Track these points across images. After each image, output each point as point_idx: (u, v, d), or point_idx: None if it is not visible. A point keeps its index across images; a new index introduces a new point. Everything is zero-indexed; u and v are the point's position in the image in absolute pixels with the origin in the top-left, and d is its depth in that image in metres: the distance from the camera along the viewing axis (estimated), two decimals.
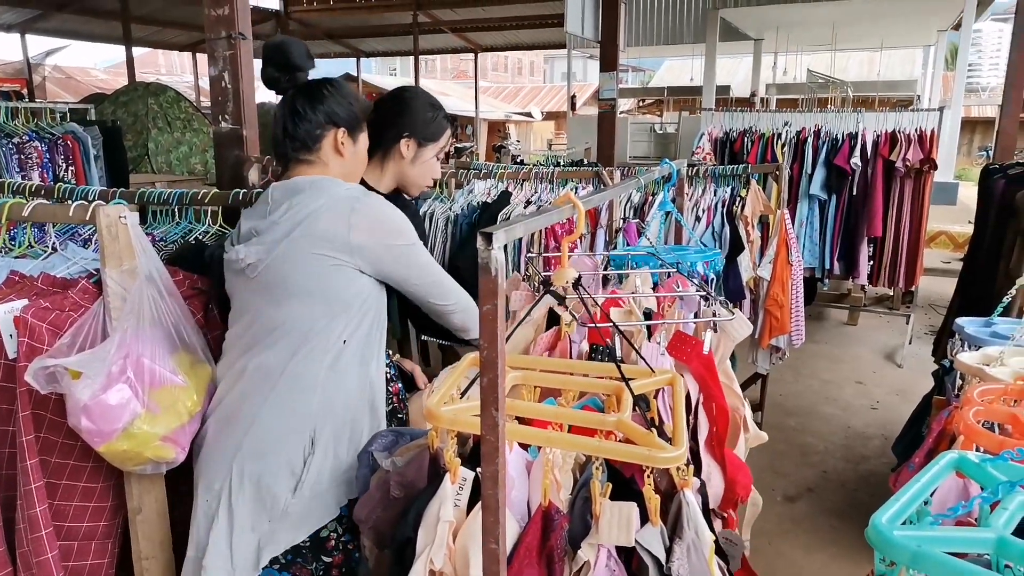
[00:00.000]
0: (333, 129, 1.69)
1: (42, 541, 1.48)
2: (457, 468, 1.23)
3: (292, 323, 1.57)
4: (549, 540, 1.17)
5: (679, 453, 1.10)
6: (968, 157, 21.77)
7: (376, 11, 16.19)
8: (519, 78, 36.12)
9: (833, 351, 5.67)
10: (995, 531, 0.86)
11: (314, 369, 1.56)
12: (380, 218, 1.62)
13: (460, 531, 1.20)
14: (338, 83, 1.74)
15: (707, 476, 1.64)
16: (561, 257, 1.26)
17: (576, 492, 1.26)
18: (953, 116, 8.83)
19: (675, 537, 1.18)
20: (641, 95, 21.85)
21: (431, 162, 2.05)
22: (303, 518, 1.55)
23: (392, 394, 1.81)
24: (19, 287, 1.62)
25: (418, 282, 1.69)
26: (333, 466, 1.57)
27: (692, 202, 3.82)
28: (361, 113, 1.77)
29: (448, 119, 2.09)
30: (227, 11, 2.73)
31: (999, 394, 1.50)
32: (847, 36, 12.42)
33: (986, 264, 3.55)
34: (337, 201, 1.60)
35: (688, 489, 1.21)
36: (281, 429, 1.55)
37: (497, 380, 1.02)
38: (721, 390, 1.66)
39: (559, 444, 1.20)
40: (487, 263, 0.98)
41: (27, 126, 4.90)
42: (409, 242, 1.66)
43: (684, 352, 1.65)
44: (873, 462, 3.82)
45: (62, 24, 15.11)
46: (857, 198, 5.28)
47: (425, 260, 1.71)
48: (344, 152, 1.72)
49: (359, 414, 1.62)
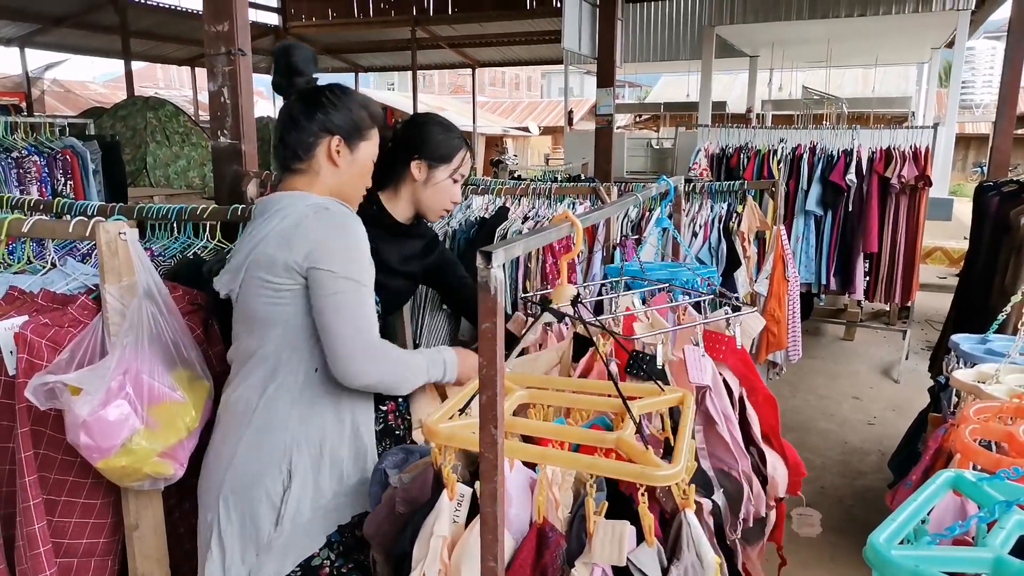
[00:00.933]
0: (328, 137, 1.64)
1: (40, 559, 1.47)
2: (454, 484, 1.23)
3: (262, 354, 1.57)
4: (543, 558, 1.17)
5: (675, 471, 1.10)
6: (963, 173, 21.89)
7: (374, 27, 16.28)
8: (516, 93, 36.31)
9: (830, 367, 5.68)
10: (992, 551, 0.86)
11: (286, 402, 1.55)
12: (320, 237, 1.52)
13: (456, 546, 1.20)
14: (339, 89, 1.68)
15: (772, 467, 1.66)
16: (561, 276, 1.27)
17: (575, 511, 1.26)
18: (947, 133, 8.89)
19: (674, 558, 1.17)
20: (638, 111, 21.95)
21: (446, 184, 2.02)
22: (286, 549, 1.54)
23: (386, 412, 1.77)
24: (18, 303, 1.62)
25: (327, 322, 1.51)
26: (314, 496, 1.55)
27: (689, 218, 3.83)
28: (365, 120, 1.69)
29: (462, 141, 2.05)
30: (227, 27, 2.75)
31: (995, 412, 1.50)
32: (841, 53, 12.52)
33: (981, 280, 3.56)
34: (289, 220, 1.54)
35: (689, 510, 1.21)
36: (258, 464, 1.54)
37: (496, 398, 1.02)
38: (761, 381, 1.68)
39: (553, 461, 1.21)
40: (487, 281, 0.98)
41: (26, 140, 4.91)
42: (342, 273, 1.50)
43: (719, 351, 1.67)
44: (870, 478, 3.82)
45: (61, 38, 15.17)
46: (853, 214, 5.31)
47: (349, 304, 1.51)
48: (339, 161, 1.66)
49: (338, 443, 1.59)
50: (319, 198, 1.61)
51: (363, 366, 1.52)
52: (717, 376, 1.63)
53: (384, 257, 1.85)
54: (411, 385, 1.65)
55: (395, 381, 1.61)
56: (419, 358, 1.67)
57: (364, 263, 1.56)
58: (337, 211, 1.58)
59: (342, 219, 1.57)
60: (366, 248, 1.58)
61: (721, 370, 1.67)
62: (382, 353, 1.57)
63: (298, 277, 1.51)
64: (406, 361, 1.63)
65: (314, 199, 1.59)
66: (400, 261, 2.03)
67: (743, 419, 1.68)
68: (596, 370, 1.64)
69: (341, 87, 1.70)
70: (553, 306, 1.37)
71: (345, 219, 1.57)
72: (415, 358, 1.66)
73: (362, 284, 1.54)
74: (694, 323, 1.75)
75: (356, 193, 1.75)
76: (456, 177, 2.04)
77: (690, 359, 1.56)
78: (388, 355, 1.58)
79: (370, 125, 1.71)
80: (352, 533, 1.61)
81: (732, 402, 1.65)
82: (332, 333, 1.51)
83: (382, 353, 1.57)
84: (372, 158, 1.74)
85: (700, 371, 1.58)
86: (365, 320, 1.54)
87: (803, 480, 1.80)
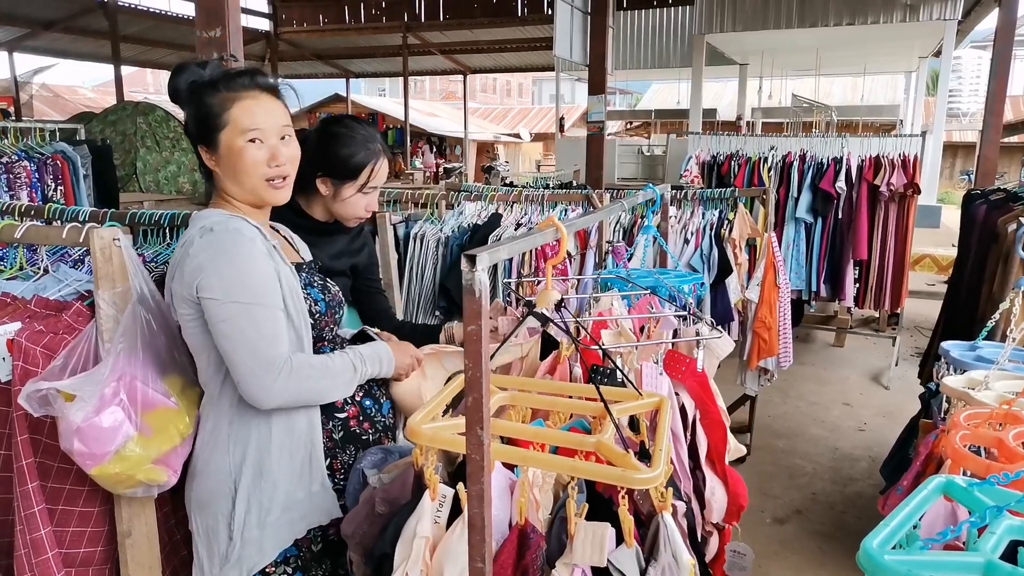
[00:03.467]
0: (199, 145, 1.56)
1: (49, 564, 1.48)
2: (436, 485, 1.24)
3: (203, 379, 1.59)
4: (524, 559, 1.18)
5: (655, 475, 1.10)
6: (950, 181, 22.09)
7: (366, 32, 16.32)
8: (508, 99, 36.42)
9: (820, 373, 5.71)
10: (983, 555, 0.87)
11: (223, 424, 1.56)
12: (202, 263, 1.46)
13: (438, 548, 1.20)
14: (189, 90, 1.55)
15: (711, 491, 1.65)
16: (546, 279, 1.28)
17: (555, 512, 1.27)
18: (935, 141, 8.99)
19: (651, 559, 1.19)
20: (629, 118, 22.06)
21: (355, 198, 1.97)
22: (240, 563, 1.56)
23: (346, 418, 1.67)
24: (11, 309, 1.62)
25: (223, 351, 1.47)
26: (259, 513, 1.55)
27: (681, 225, 3.86)
28: (210, 116, 1.52)
29: (371, 152, 1.95)
30: (219, 33, 2.75)
31: (985, 418, 1.52)
32: (830, 61, 12.64)
33: (969, 288, 3.59)
34: (181, 248, 1.51)
35: (667, 512, 1.23)
36: (211, 482, 1.57)
37: (482, 400, 1.03)
38: (716, 406, 1.68)
39: (535, 463, 1.22)
40: (471, 284, 0.99)
41: (16, 145, 4.88)
42: (225, 299, 1.45)
43: (678, 371, 1.67)
44: (861, 484, 3.84)
45: (50, 43, 15.13)
46: (843, 221, 5.36)
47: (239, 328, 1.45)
48: (213, 166, 1.56)
49: (276, 460, 1.55)
50: (211, 215, 1.54)
51: (270, 386, 1.46)
52: (672, 396, 1.64)
53: (316, 257, 1.85)
54: (340, 391, 1.59)
55: (316, 392, 1.55)
56: (341, 359, 1.59)
57: (253, 280, 1.47)
58: (221, 230, 1.49)
59: (224, 238, 1.48)
60: (256, 264, 1.49)
61: (678, 390, 1.67)
62: (288, 369, 1.48)
63: (196, 306, 1.48)
64: (324, 367, 1.55)
65: (206, 218, 1.53)
66: (330, 258, 2.03)
67: (693, 442, 1.68)
68: (559, 372, 1.65)
69: (190, 85, 1.55)
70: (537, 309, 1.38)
71: (227, 237, 1.48)
72: (336, 361, 1.58)
73: (253, 304, 1.46)
74: (659, 341, 1.75)
75: (252, 182, 1.55)
76: (366, 190, 1.97)
77: (646, 375, 1.56)
78: (297, 369, 1.49)
79: (218, 113, 1.51)
80: (310, 548, 1.61)
81: (685, 423, 1.66)
82: (231, 360, 1.46)
83: (288, 369, 1.48)
84: (241, 139, 1.52)
85: (655, 389, 1.58)
86: (261, 340, 1.46)
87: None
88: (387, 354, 1.68)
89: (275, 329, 1.50)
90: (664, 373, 1.64)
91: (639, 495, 1.25)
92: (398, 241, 3.37)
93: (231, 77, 1.55)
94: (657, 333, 1.88)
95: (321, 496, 1.59)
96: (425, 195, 3.56)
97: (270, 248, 1.56)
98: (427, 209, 3.49)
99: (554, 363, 1.66)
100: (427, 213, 3.49)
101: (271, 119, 1.55)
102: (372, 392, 1.73)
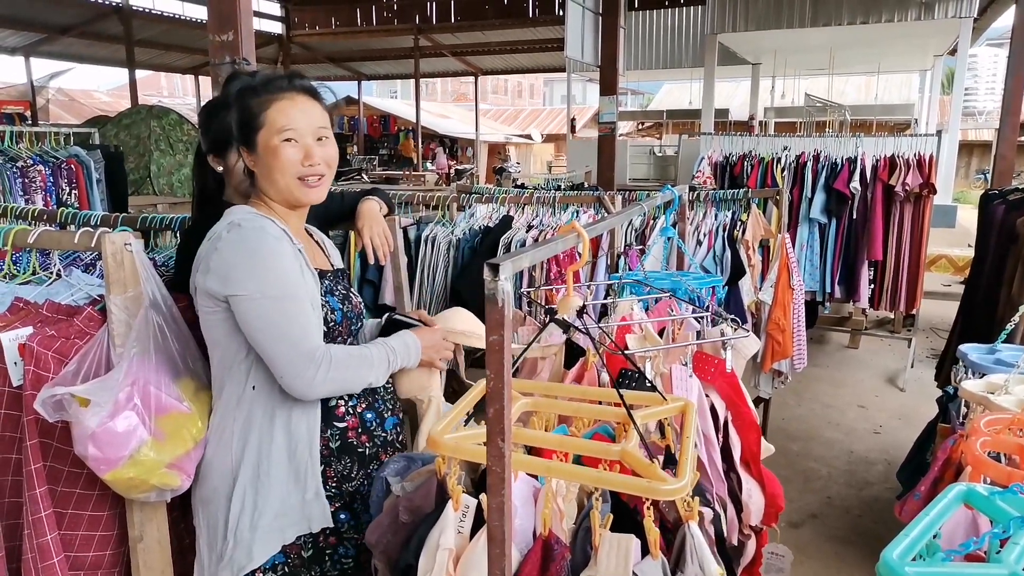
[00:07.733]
0: (239, 148, 1.61)
1: (55, 568, 1.47)
2: (459, 495, 1.22)
3: (214, 375, 1.61)
4: (548, 571, 1.16)
5: (681, 485, 1.08)
6: (966, 180, 21.89)
7: (377, 35, 16.38)
8: (519, 100, 36.42)
9: (835, 375, 5.66)
10: (1007, 567, 0.85)
11: (228, 421, 1.57)
12: (232, 260, 1.49)
13: (462, 559, 1.19)
14: (237, 95, 1.58)
15: (748, 494, 1.63)
16: (567, 285, 1.26)
17: (579, 522, 1.25)
18: (951, 140, 8.91)
19: (677, 570, 1.17)
20: (640, 118, 22.02)
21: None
22: (231, 563, 1.57)
23: (345, 428, 1.63)
24: (24, 314, 1.62)
25: (261, 347, 1.50)
26: (252, 515, 1.55)
27: (693, 226, 3.83)
28: (250, 118, 1.56)
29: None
30: (231, 37, 2.75)
31: (1006, 424, 1.49)
32: (844, 60, 12.55)
33: (987, 289, 3.55)
34: (208, 241, 1.54)
35: (693, 522, 1.20)
36: (214, 480, 1.58)
37: (503, 411, 1.01)
38: (748, 406, 1.66)
39: (559, 474, 1.20)
40: (494, 294, 0.98)
41: (31, 150, 4.90)
42: (258, 294, 1.47)
43: (707, 372, 1.66)
44: (877, 488, 3.80)
45: (66, 47, 15.28)
46: (857, 222, 5.31)
47: (275, 323, 1.48)
48: (252, 166, 1.60)
49: (274, 462, 1.56)
50: (241, 211, 1.57)
51: (312, 378, 1.50)
52: (703, 397, 1.62)
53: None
54: (377, 379, 1.61)
55: (355, 381, 1.58)
56: (378, 350, 1.62)
57: (282, 273, 1.50)
58: (248, 226, 1.52)
59: (250, 235, 1.51)
60: (283, 260, 1.52)
61: (708, 392, 1.65)
62: (328, 359, 1.51)
63: (219, 302, 1.50)
64: (362, 356, 1.58)
65: (235, 214, 1.56)
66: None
67: (726, 444, 1.66)
68: (587, 378, 1.63)
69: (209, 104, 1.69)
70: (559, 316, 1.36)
71: (253, 234, 1.51)
72: (372, 351, 1.61)
73: (283, 297, 1.49)
74: (687, 344, 1.73)
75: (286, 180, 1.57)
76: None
77: (676, 378, 1.54)
78: (338, 359, 1.53)
79: (256, 114, 1.55)
80: (299, 555, 1.60)
81: (716, 425, 1.64)
82: (270, 355, 1.49)
83: (328, 359, 1.51)
84: (277, 138, 1.54)
85: (686, 391, 1.56)
86: (299, 331, 1.49)
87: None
88: (415, 344, 1.70)
89: (307, 321, 1.53)
90: (694, 375, 1.62)
91: (665, 503, 1.23)
92: (409, 244, 3.37)
93: (271, 80, 1.60)
94: (682, 335, 1.86)
95: (314, 504, 1.59)
96: (436, 197, 3.55)
97: (295, 251, 1.59)
98: (438, 211, 3.49)
99: (581, 371, 1.64)
100: (438, 215, 3.48)
101: (306, 119, 1.58)
102: (375, 406, 1.70)
